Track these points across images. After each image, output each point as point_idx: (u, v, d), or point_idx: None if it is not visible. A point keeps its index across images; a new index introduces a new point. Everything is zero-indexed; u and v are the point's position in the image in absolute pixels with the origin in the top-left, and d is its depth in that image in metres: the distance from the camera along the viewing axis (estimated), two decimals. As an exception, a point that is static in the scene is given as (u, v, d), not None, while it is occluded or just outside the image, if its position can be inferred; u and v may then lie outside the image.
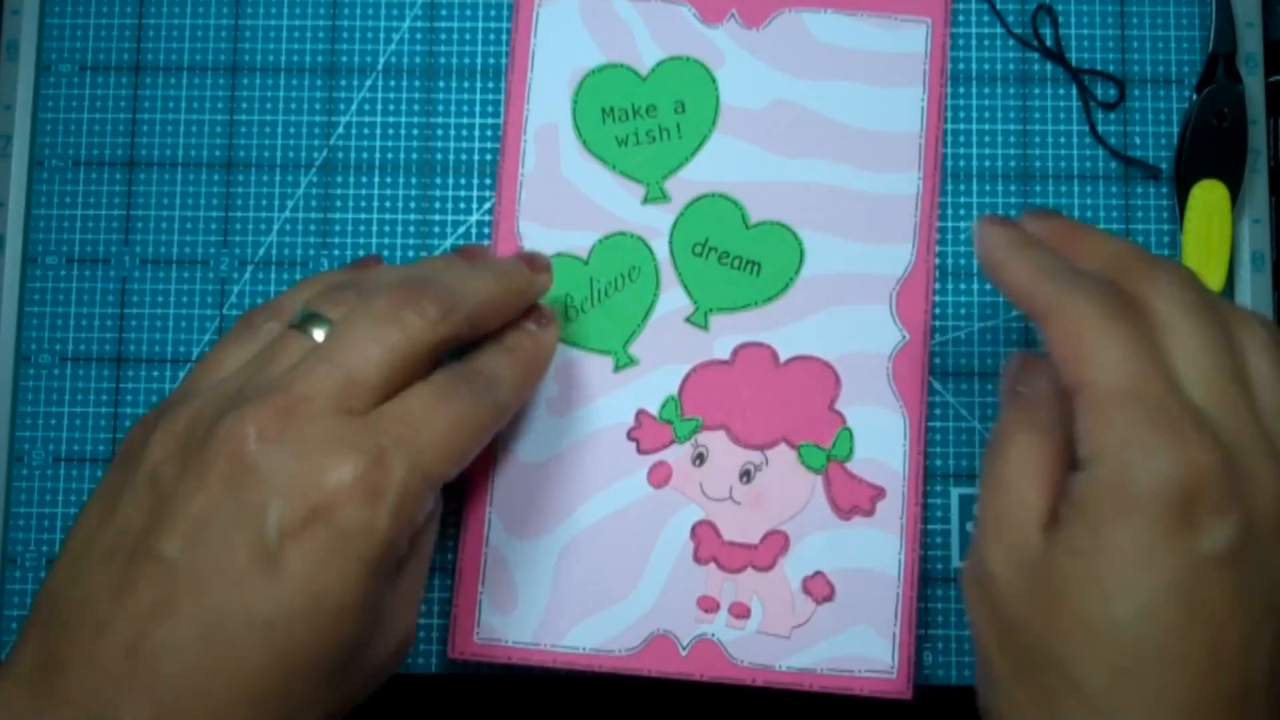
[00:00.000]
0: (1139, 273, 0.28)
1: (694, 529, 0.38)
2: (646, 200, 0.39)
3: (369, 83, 0.41)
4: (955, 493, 0.39)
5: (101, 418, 0.40)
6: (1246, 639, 0.25)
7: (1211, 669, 0.25)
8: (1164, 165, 0.40)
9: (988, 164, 0.40)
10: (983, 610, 0.28)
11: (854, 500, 0.38)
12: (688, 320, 0.39)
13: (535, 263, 0.35)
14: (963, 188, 0.40)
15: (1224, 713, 0.25)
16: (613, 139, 0.40)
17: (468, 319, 0.31)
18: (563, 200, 0.39)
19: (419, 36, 0.41)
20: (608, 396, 0.38)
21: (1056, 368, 0.28)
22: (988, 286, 0.40)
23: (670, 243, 0.39)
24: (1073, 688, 0.26)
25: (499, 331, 0.34)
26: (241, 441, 0.27)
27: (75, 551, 0.29)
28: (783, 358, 0.39)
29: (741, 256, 0.39)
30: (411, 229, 0.40)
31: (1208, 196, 0.39)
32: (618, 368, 0.39)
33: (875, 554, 0.38)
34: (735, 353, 0.39)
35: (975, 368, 0.39)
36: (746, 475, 0.38)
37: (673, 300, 0.39)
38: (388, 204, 0.40)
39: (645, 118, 0.40)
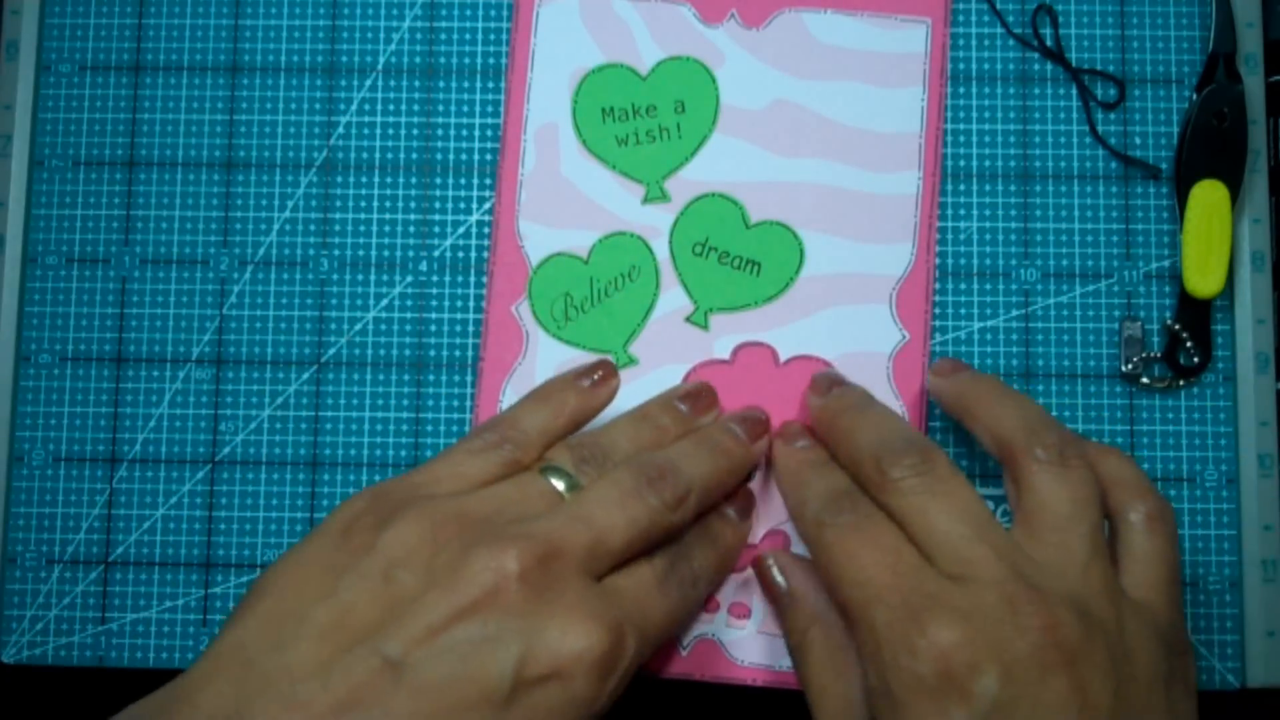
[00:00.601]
0: (887, 462, 0.32)
1: None
2: (646, 200, 0.39)
3: (369, 82, 0.41)
4: (955, 493, 0.39)
5: (101, 418, 0.40)
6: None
7: None
8: (1164, 165, 0.40)
9: (988, 164, 0.40)
10: None
11: None
12: (688, 320, 0.39)
13: (755, 429, 0.36)
14: (963, 188, 0.40)
15: None
16: (613, 139, 0.40)
17: (697, 506, 0.33)
18: (563, 200, 0.39)
19: (419, 36, 0.41)
20: None
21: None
22: (988, 286, 0.40)
23: (670, 242, 0.39)
24: None
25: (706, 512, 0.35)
26: (500, 577, 0.28)
27: (280, 614, 0.28)
28: (783, 357, 0.39)
29: (741, 256, 0.39)
30: (411, 229, 0.40)
31: (1208, 196, 0.39)
32: (619, 367, 0.39)
33: None
34: (735, 352, 0.39)
35: (975, 367, 0.39)
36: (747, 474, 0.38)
37: (673, 300, 0.39)
38: (388, 204, 0.40)
39: (645, 117, 0.40)
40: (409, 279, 0.40)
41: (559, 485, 0.31)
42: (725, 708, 0.39)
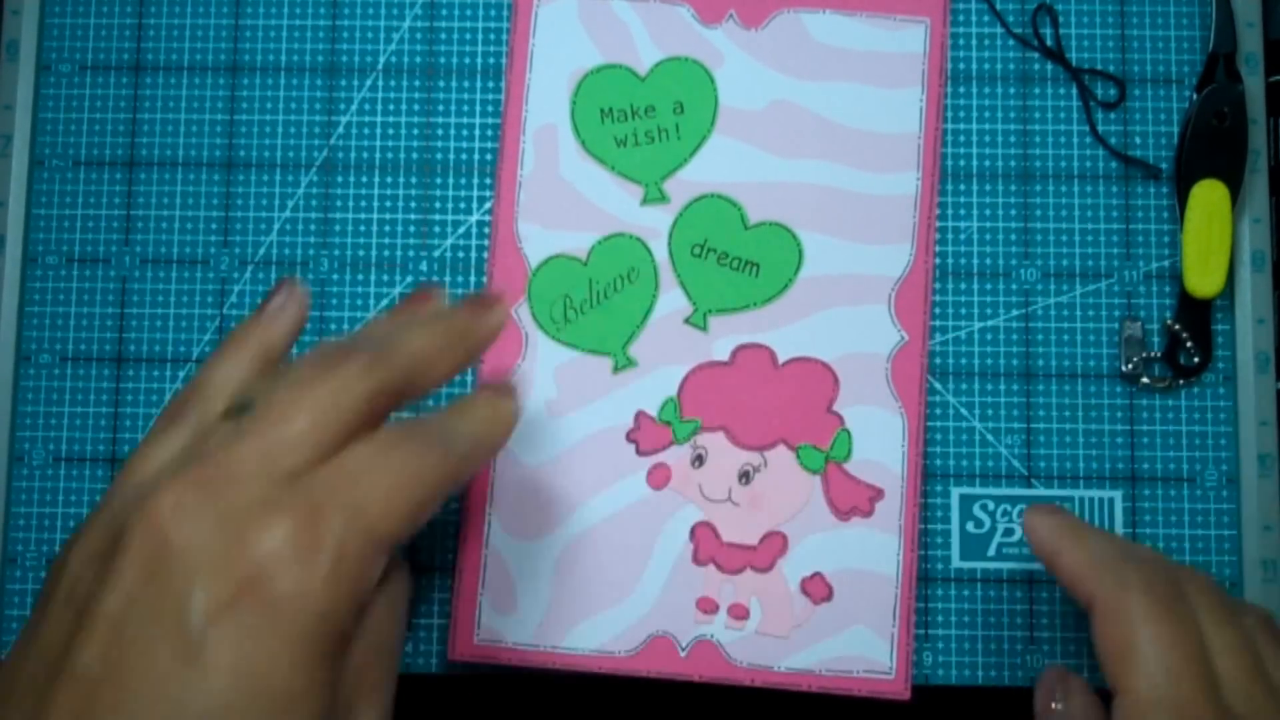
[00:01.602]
0: (1173, 575, 0.30)
1: (693, 530, 0.38)
2: (645, 201, 0.39)
3: (369, 82, 0.41)
4: (955, 492, 0.39)
5: (101, 418, 0.40)
6: None
7: None
8: (1164, 165, 0.40)
9: (988, 164, 0.40)
10: None
11: (852, 501, 0.38)
12: (687, 321, 0.39)
13: (481, 300, 0.31)
14: (963, 188, 0.40)
15: None
16: (611, 139, 0.40)
17: (401, 370, 0.28)
18: (562, 201, 0.39)
19: (419, 36, 0.41)
20: (607, 398, 0.38)
21: (1100, 660, 0.30)
22: (988, 286, 0.39)
23: (669, 243, 0.39)
24: None
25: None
26: (156, 521, 0.24)
27: (5, 677, 0.25)
28: (781, 359, 0.39)
29: (740, 257, 0.39)
30: (411, 229, 0.40)
31: (1208, 196, 0.39)
32: (617, 369, 0.39)
33: (873, 555, 0.38)
34: (734, 354, 0.39)
35: (975, 368, 0.39)
36: (745, 476, 0.38)
37: (672, 301, 0.39)
38: (388, 204, 0.40)
39: (644, 118, 0.40)
40: (409, 279, 0.40)
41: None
42: (725, 708, 0.39)
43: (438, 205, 0.40)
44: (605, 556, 0.38)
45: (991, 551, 0.39)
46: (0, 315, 0.40)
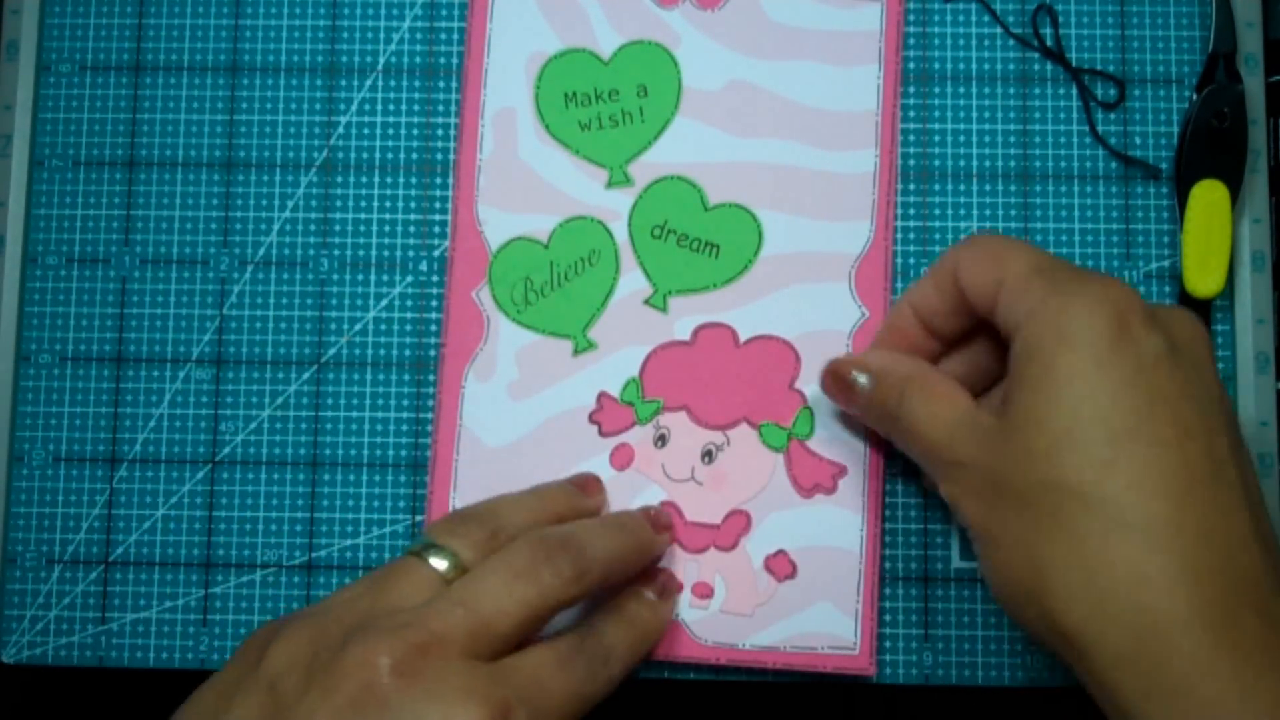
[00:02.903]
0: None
1: None
2: (610, 184, 0.39)
3: (369, 83, 0.41)
4: (955, 493, 0.39)
5: (101, 418, 0.40)
6: (1203, 417, 0.29)
7: (1180, 440, 0.28)
8: (1164, 165, 0.40)
9: (988, 164, 0.40)
10: (963, 495, 0.31)
11: (815, 478, 0.38)
12: (646, 302, 0.39)
13: (659, 521, 0.36)
14: (962, 188, 0.40)
15: (1201, 484, 0.28)
16: (576, 124, 0.40)
17: (598, 582, 0.32)
18: (522, 184, 0.39)
19: (419, 36, 0.41)
20: (568, 380, 0.39)
21: (969, 297, 0.33)
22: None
23: (629, 225, 0.39)
24: (1068, 494, 0.28)
25: (623, 595, 0.35)
26: (374, 671, 0.27)
27: None
28: (743, 338, 0.39)
29: (700, 238, 0.39)
30: (411, 229, 0.40)
31: (1208, 196, 0.39)
32: (577, 351, 0.39)
33: (837, 531, 0.38)
34: (695, 333, 0.39)
35: (975, 368, 0.39)
36: (708, 456, 0.38)
37: (631, 283, 0.39)
38: (388, 204, 0.40)
39: (608, 102, 0.40)
40: (409, 279, 0.40)
41: (440, 566, 0.31)
42: (724, 709, 0.39)
43: (437, 205, 0.40)
44: None
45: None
46: (0, 315, 0.40)
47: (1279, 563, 0.29)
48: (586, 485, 0.37)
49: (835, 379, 0.36)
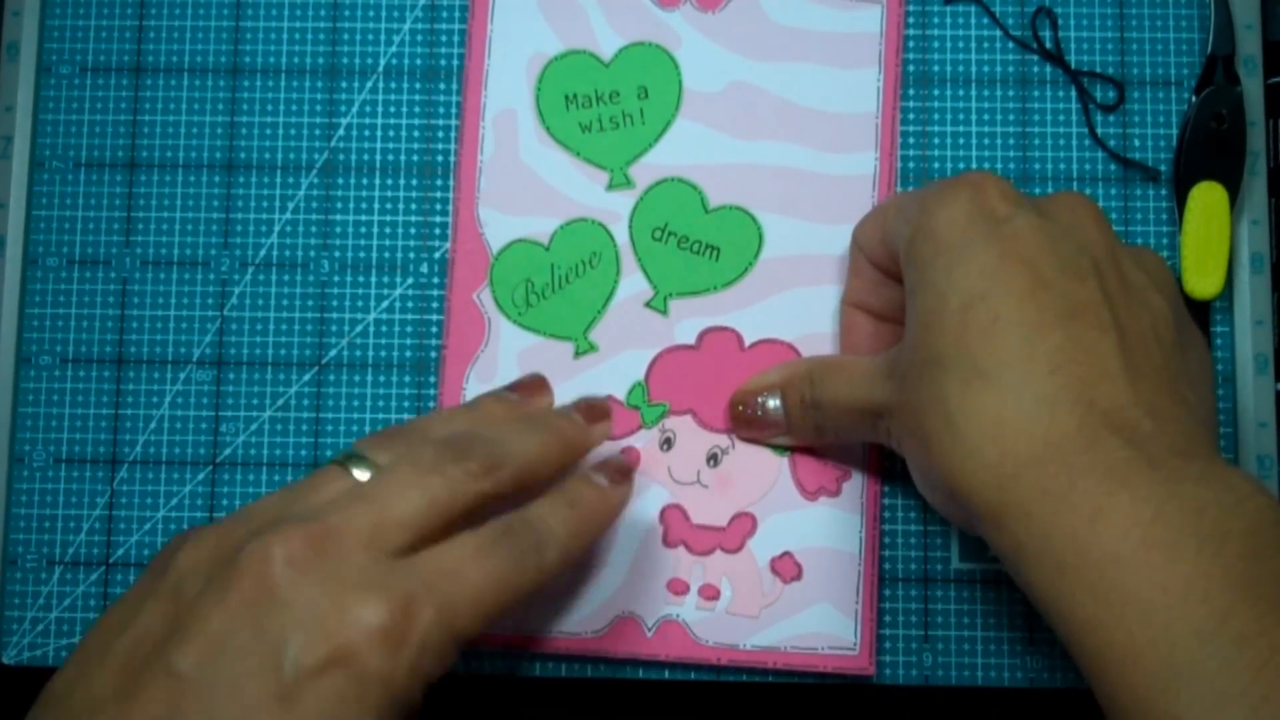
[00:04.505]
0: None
1: (662, 513, 0.38)
2: (611, 186, 0.40)
3: (370, 85, 0.41)
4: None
5: (102, 419, 0.40)
6: (1062, 266, 0.29)
7: (1033, 289, 0.29)
8: (1163, 167, 0.40)
9: (987, 166, 0.40)
10: (901, 434, 0.32)
11: (820, 481, 0.38)
12: (647, 305, 0.39)
13: (593, 411, 0.34)
14: (962, 189, 0.40)
15: (1058, 324, 0.28)
16: (576, 126, 0.40)
17: (513, 476, 0.31)
18: (522, 186, 0.40)
19: (419, 39, 0.41)
20: (569, 382, 0.39)
21: (874, 261, 0.35)
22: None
23: (630, 228, 0.39)
24: (934, 366, 0.29)
25: (566, 479, 0.33)
26: (267, 565, 0.27)
27: (90, 651, 0.28)
28: (748, 341, 0.39)
29: (701, 241, 0.39)
30: (412, 230, 0.40)
31: (1207, 198, 0.39)
32: (578, 353, 0.39)
33: (838, 533, 0.38)
34: (701, 337, 0.39)
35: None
36: (713, 459, 0.38)
37: (632, 285, 0.39)
38: (388, 206, 0.40)
39: (609, 104, 0.40)
40: (410, 281, 0.40)
41: (359, 474, 0.30)
42: (724, 709, 0.39)
43: (438, 207, 0.40)
44: None
45: (991, 551, 0.39)
46: (1, 317, 0.40)
47: (1164, 394, 0.29)
48: (530, 388, 0.35)
49: (743, 416, 0.37)
